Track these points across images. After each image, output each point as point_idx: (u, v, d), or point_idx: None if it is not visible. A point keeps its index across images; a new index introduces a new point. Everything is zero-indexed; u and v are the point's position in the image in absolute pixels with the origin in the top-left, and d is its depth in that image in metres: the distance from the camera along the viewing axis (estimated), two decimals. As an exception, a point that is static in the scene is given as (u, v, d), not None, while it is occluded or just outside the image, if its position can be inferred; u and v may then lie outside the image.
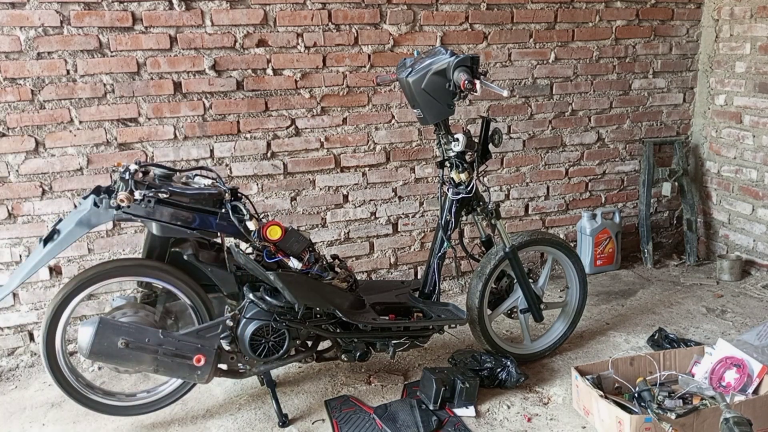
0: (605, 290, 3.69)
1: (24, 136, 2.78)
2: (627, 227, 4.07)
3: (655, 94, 3.96)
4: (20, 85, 2.72)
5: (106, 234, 2.98)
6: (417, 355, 2.94)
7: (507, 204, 3.75)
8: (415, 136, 3.43)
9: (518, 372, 2.63)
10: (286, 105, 3.15)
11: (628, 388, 2.47)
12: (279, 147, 3.18)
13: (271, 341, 2.33)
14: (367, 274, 3.51)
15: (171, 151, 3.00)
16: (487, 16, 3.42)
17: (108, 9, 2.77)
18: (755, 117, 3.73)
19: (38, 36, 2.70)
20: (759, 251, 3.79)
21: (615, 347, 3.00)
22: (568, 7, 3.58)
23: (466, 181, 2.56)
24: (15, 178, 2.81)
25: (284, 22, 3.05)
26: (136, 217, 2.17)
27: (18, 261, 2.88)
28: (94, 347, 2.11)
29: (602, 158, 3.93)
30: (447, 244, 2.63)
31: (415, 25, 3.29)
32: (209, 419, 2.50)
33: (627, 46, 3.79)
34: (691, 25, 3.93)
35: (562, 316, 2.96)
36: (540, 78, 3.64)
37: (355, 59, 3.22)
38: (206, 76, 2.97)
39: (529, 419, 2.46)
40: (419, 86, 2.39)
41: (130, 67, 2.85)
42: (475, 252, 2.86)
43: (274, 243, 2.29)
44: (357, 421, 2.43)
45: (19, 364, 2.95)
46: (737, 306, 3.43)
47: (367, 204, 3.42)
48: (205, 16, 2.92)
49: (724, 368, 2.45)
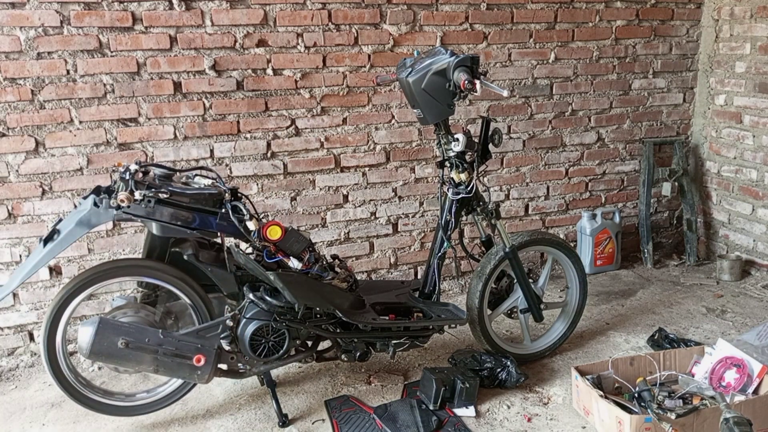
0: (605, 290, 3.69)
1: (24, 136, 2.78)
2: (627, 227, 4.07)
3: (655, 94, 3.96)
4: (20, 85, 2.73)
5: (106, 234, 2.98)
6: (417, 355, 2.94)
7: (507, 204, 3.75)
8: (415, 136, 3.43)
9: (518, 372, 2.63)
10: (286, 105, 3.15)
11: (628, 388, 2.47)
12: (279, 147, 3.18)
13: (271, 341, 2.33)
14: (367, 274, 3.51)
15: (171, 151, 3.00)
16: (487, 16, 3.42)
17: (108, 9, 2.77)
18: (755, 117, 3.73)
19: (38, 36, 2.70)
20: (759, 251, 3.79)
21: (615, 347, 3.00)
22: (568, 7, 3.58)
23: (466, 181, 2.56)
24: (15, 178, 2.81)
25: (284, 22, 3.05)
26: (136, 217, 2.17)
27: (18, 261, 2.88)
28: (94, 347, 2.11)
29: (602, 158, 3.93)
30: (447, 244, 2.63)
31: (415, 25, 3.29)
32: (209, 419, 2.50)
33: (627, 46, 3.79)
34: (691, 25, 3.93)
35: (562, 316, 2.96)
36: (540, 78, 3.64)
37: (355, 59, 3.22)
38: (206, 76, 2.97)
39: (529, 419, 2.46)
40: (419, 86, 2.39)
41: (130, 67, 2.85)
42: (475, 252, 2.86)
43: (274, 243, 2.29)
44: (357, 421, 2.43)
45: (19, 364, 2.95)
46: (737, 306, 3.43)
47: (367, 204, 3.42)
48: (205, 16, 2.92)
49: (724, 368, 2.45)
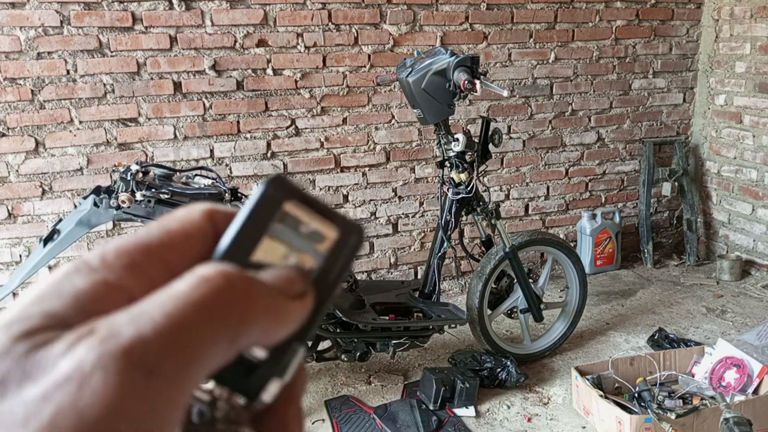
0: (605, 290, 3.69)
1: (24, 136, 2.78)
2: (627, 227, 4.07)
3: (655, 94, 3.96)
4: (20, 85, 2.72)
5: (106, 234, 2.98)
6: (417, 355, 2.94)
7: (507, 204, 3.75)
8: (415, 136, 3.43)
9: (518, 372, 2.63)
10: (286, 105, 3.15)
11: (628, 388, 2.47)
12: (279, 147, 3.18)
13: (271, 341, 2.33)
14: (367, 274, 3.51)
15: (171, 151, 3.00)
16: (487, 16, 3.42)
17: (108, 9, 2.77)
18: (755, 117, 3.73)
19: (38, 36, 2.70)
20: (759, 251, 3.79)
21: (615, 347, 3.00)
22: (568, 7, 3.58)
23: (466, 181, 2.56)
24: (15, 178, 2.81)
25: (284, 22, 3.05)
26: (136, 217, 2.17)
27: (18, 261, 2.88)
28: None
29: (602, 158, 3.93)
30: (447, 244, 2.63)
31: (415, 25, 3.29)
32: (209, 419, 2.49)
33: (627, 46, 3.79)
34: (691, 25, 3.93)
35: (562, 316, 2.96)
36: (540, 78, 3.64)
37: (355, 59, 3.22)
38: (206, 76, 2.97)
39: (529, 419, 2.46)
40: (419, 86, 2.39)
41: (130, 67, 2.85)
42: (475, 252, 2.86)
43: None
44: (357, 421, 2.43)
45: (19, 364, 2.95)
46: (737, 306, 3.43)
47: (367, 204, 3.42)
48: (205, 16, 2.92)
49: (724, 368, 2.45)
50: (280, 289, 0.26)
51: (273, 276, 0.26)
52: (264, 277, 0.26)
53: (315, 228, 0.28)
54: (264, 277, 0.26)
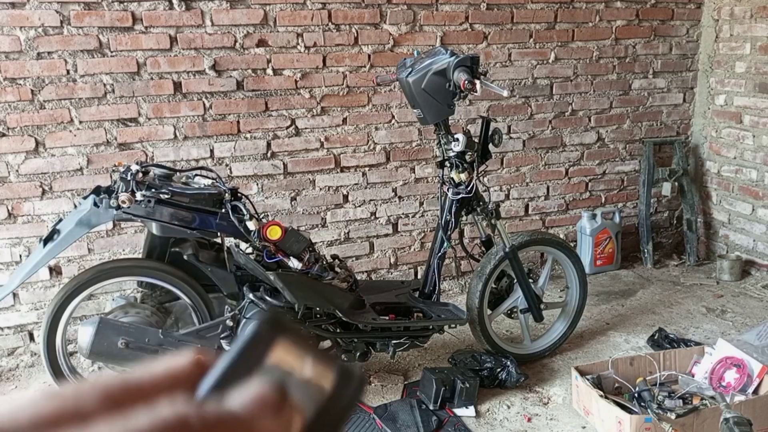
0: (605, 290, 3.69)
1: (24, 136, 2.78)
2: (627, 227, 4.07)
3: (655, 94, 3.96)
4: (20, 85, 2.72)
5: (106, 234, 2.98)
6: (417, 355, 2.94)
7: (507, 204, 3.75)
8: (415, 136, 3.43)
9: (518, 372, 2.63)
10: (286, 105, 3.15)
11: (628, 388, 2.47)
12: (279, 147, 3.18)
13: (271, 341, 2.33)
14: (367, 274, 3.51)
15: (171, 151, 3.00)
16: (487, 16, 3.42)
17: (108, 9, 2.76)
18: (755, 117, 3.73)
19: (38, 36, 2.70)
20: (759, 251, 3.79)
21: (615, 347, 3.00)
22: (568, 7, 3.58)
23: (466, 181, 2.56)
24: (15, 178, 2.81)
25: (284, 22, 3.05)
26: (136, 217, 2.17)
27: (18, 261, 2.88)
28: (94, 347, 2.11)
29: (602, 158, 3.93)
30: (447, 244, 2.63)
31: (415, 25, 3.29)
32: (209, 419, 2.49)
33: (627, 46, 3.79)
34: (691, 25, 3.93)
35: (562, 316, 2.96)
36: (540, 78, 3.64)
37: (355, 59, 3.22)
38: (206, 76, 2.97)
39: (529, 419, 2.46)
40: (419, 86, 2.39)
41: (130, 67, 2.85)
42: (475, 252, 2.86)
43: (274, 243, 2.29)
44: (357, 421, 2.43)
45: (19, 364, 2.95)
46: (737, 306, 3.43)
47: (367, 204, 3.42)
48: (205, 16, 2.92)
49: (724, 368, 2.45)
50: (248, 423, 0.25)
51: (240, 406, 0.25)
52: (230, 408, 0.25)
53: (309, 375, 0.26)
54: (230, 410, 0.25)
